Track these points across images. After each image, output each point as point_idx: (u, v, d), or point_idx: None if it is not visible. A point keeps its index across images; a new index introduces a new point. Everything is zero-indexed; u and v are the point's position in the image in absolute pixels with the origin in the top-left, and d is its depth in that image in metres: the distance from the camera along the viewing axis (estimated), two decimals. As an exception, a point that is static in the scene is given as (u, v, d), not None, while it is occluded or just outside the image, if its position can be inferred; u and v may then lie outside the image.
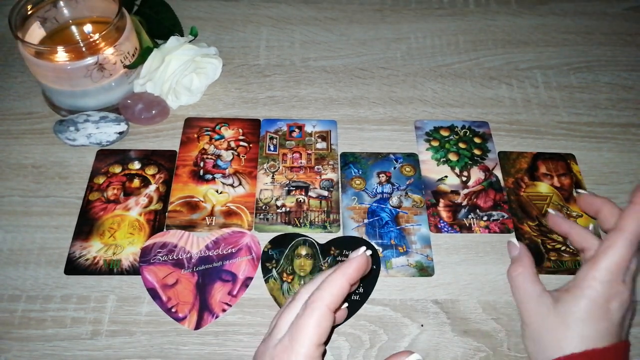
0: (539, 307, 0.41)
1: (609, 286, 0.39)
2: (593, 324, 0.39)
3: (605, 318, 0.39)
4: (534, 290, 0.42)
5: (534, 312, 0.41)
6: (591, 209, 0.47)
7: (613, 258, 0.39)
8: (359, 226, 0.51)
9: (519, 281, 0.44)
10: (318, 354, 0.34)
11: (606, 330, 0.39)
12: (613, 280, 0.39)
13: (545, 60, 0.67)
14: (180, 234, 0.50)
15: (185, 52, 0.57)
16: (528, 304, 0.42)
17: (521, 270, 0.44)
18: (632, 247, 0.40)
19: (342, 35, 0.68)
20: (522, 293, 0.43)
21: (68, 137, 0.55)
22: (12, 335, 0.44)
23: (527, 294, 0.43)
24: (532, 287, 0.43)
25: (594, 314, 0.39)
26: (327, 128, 0.59)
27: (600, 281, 0.39)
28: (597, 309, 0.39)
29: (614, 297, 0.39)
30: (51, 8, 0.56)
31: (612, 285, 0.39)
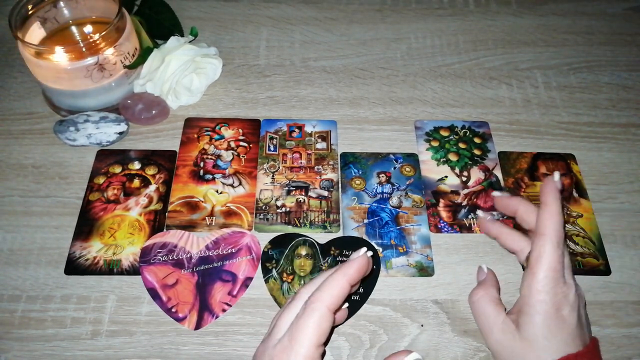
0: (505, 335, 0.40)
1: (554, 293, 0.39)
2: (554, 336, 0.38)
3: (563, 325, 0.39)
4: (497, 317, 0.41)
5: (501, 342, 0.40)
6: (508, 210, 0.47)
7: (547, 265, 0.39)
8: (359, 226, 0.51)
9: (480, 306, 0.43)
10: (317, 355, 0.34)
11: (570, 336, 0.39)
12: (555, 285, 0.39)
13: (545, 60, 0.67)
14: (180, 234, 0.50)
15: (185, 52, 0.57)
16: (493, 334, 0.41)
17: (482, 293, 0.43)
18: (559, 248, 0.40)
19: (342, 35, 0.68)
20: (485, 320, 0.42)
21: (68, 137, 0.55)
22: (12, 335, 0.44)
23: (489, 321, 0.41)
24: (495, 313, 0.42)
25: (551, 326, 0.38)
26: (327, 128, 0.59)
27: (545, 291, 0.39)
28: (552, 320, 0.38)
29: (562, 302, 0.39)
30: (51, 8, 0.56)
31: (557, 290, 0.39)
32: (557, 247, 0.40)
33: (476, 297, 0.44)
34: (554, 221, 0.41)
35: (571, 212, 0.53)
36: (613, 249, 0.51)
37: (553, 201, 0.41)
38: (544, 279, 0.39)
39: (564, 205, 0.53)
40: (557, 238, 0.40)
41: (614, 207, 0.54)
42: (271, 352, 0.35)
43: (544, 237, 0.40)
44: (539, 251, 0.40)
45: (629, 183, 0.56)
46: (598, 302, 0.48)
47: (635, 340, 0.46)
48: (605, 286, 0.49)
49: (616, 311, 0.47)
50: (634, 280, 0.49)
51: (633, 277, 0.49)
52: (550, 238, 0.40)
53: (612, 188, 0.55)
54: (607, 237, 0.52)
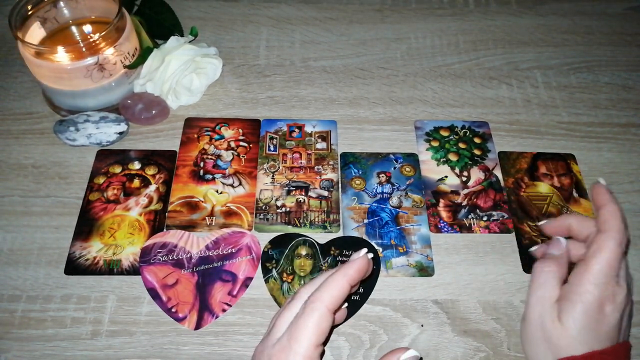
0: (548, 312, 0.40)
1: (604, 288, 0.39)
2: (591, 329, 0.38)
3: (602, 322, 0.38)
4: (553, 295, 0.40)
5: (541, 315, 0.40)
6: (561, 230, 0.45)
7: (605, 259, 0.39)
8: (359, 226, 0.51)
9: (547, 278, 0.41)
10: (317, 354, 0.34)
11: (605, 334, 0.38)
12: (607, 282, 0.39)
13: (545, 60, 0.67)
14: (180, 234, 0.50)
15: (185, 52, 0.57)
16: (541, 306, 0.40)
17: (556, 269, 0.42)
18: (621, 247, 0.40)
19: (342, 35, 0.68)
20: (543, 292, 0.41)
21: (68, 137, 0.55)
22: (12, 335, 0.44)
23: (546, 295, 0.41)
24: (554, 292, 0.41)
25: (591, 319, 0.38)
26: (327, 128, 0.59)
27: (595, 284, 0.39)
28: (593, 313, 0.38)
29: (608, 299, 0.39)
30: (51, 8, 0.56)
31: (607, 287, 0.39)
32: (619, 245, 0.39)
33: (548, 268, 0.42)
34: (617, 219, 0.40)
35: (571, 212, 0.53)
36: (613, 249, 0.51)
37: (610, 201, 0.41)
38: (598, 271, 0.39)
39: (564, 205, 0.53)
40: (620, 236, 0.40)
41: (614, 207, 0.54)
42: (270, 352, 0.35)
43: (606, 233, 0.40)
44: (599, 245, 0.40)
45: (629, 183, 0.56)
46: (598, 302, 0.48)
47: (636, 340, 0.46)
48: (605, 286, 0.49)
49: (616, 311, 0.47)
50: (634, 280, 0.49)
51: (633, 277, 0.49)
52: (613, 234, 0.40)
53: (612, 188, 0.55)
54: (607, 237, 0.52)
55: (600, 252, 0.39)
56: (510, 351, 0.45)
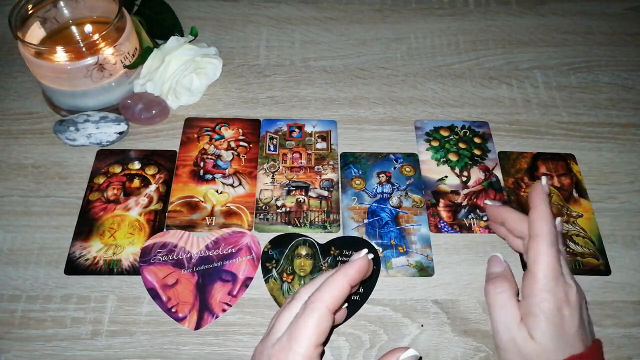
0: (518, 334, 0.39)
1: (555, 292, 0.39)
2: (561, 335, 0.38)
3: (565, 326, 0.39)
4: (516, 315, 0.40)
5: (512, 340, 0.40)
6: (497, 219, 0.47)
7: (546, 264, 0.39)
8: (359, 226, 0.51)
9: (503, 299, 0.41)
10: (316, 355, 0.34)
11: (573, 337, 0.38)
12: (556, 284, 0.39)
13: (545, 60, 0.67)
14: (180, 234, 0.50)
15: (185, 52, 0.57)
16: (510, 331, 0.40)
17: (508, 286, 0.42)
18: (554, 246, 0.40)
19: (342, 35, 0.68)
20: (504, 316, 0.41)
21: (68, 137, 0.55)
22: (12, 335, 0.44)
23: (508, 318, 0.40)
24: (516, 311, 0.40)
25: (556, 325, 0.38)
26: (327, 128, 0.59)
27: (547, 290, 0.39)
28: (556, 319, 0.38)
29: (563, 301, 0.39)
30: (51, 8, 0.56)
31: (558, 289, 0.39)
32: (552, 245, 0.40)
33: (500, 289, 0.42)
34: (545, 221, 0.41)
35: (571, 212, 0.53)
36: (613, 249, 0.51)
37: (541, 203, 0.42)
38: (543, 278, 0.39)
39: (564, 205, 0.53)
40: (551, 237, 0.40)
41: (614, 207, 0.54)
42: (270, 352, 0.35)
43: (537, 238, 0.40)
44: (535, 252, 0.40)
45: (629, 183, 0.56)
46: (598, 302, 0.48)
47: (635, 340, 0.46)
48: (605, 286, 0.49)
49: (616, 311, 0.47)
50: (634, 280, 0.49)
51: (633, 277, 0.49)
52: (543, 238, 0.40)
53: (612, 188, 0.55)
54: (607, 237, 0.52)
55: (539, 259, 0.40)
56: (510, 351, 0.45)
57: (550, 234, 0.40)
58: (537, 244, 0.40)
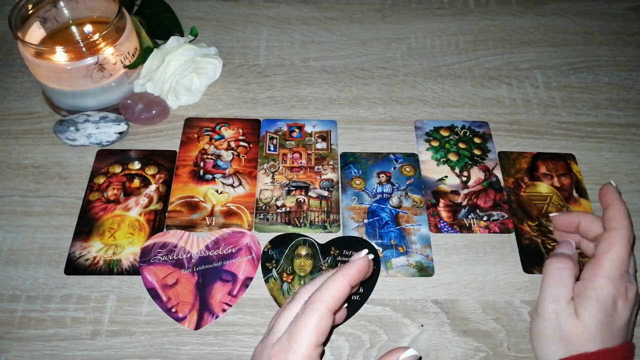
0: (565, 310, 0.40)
1: (617, 284, 0.39)
2: (606, 325, 0.39)
3: (614, 318, 0.39)
4: (568, 293, 0.40)
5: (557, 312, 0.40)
6: (570, 226, 0.46)
7: (616, 255, 0.40)
8: (359, 226, 0.51)
9: (563, 275, 0.41)
10: (316, 355, 0.34)
11: (617, 330, 0.39)
12: (620, 277, 0.39)
13: (545, 60, 0.67)
14: (180, 234, 0.50)
15: (185, 52, 0.57)
16: (557, 304, 0.40)
17: (571, 265, 0.42)
18: (629, 243, 0.40)
19: (342, 35, 0.68)
20: (559, 290, 0.41)
21: (68, 137, 0.55)
22: (12, 335, 0.44)
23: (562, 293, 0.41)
24: (569, 289, 0.41)
25: (606, 314, 0.39)
26: (327, 128, 0.59)
27: (609, 279, 0.39)
28: (608, 308, 0.39)
29: (621, 295, 0.39)
30: (51, 8, 0.56)
31: (620, 282, 0.39)
32: (627, 240, 0.40)
33: (562, 264, 0.42)
34: (623, 217, 0.42)
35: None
36: (613, 249, 0.51)
37: (617, 200, 0.43)
38: (609, 267, 0.39)
39: (564, 205, 0.53)
40: (628, 232, 0.41)
41: (614, 207, 0.54)
42: (270, 352, 0.35)
43: (614, 230, 0.41)
44: (609, 242, 0.40)
45: (629, 183, 0.56)
46: (598, 302, 0.48)
47: (636, 341, 0.46)
48: (605, 286, 0.49)
49: (616, 311, 0.47)
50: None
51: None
52: (621, 231, 0.40)
53: (612, 188, 0.55)
54: (607, 237, 0.52)
55: (611, 249, 0.40)
56: (510, 351, 0.45)
57: (627, 229, 0.41)
58: (612, 235, 0.40)
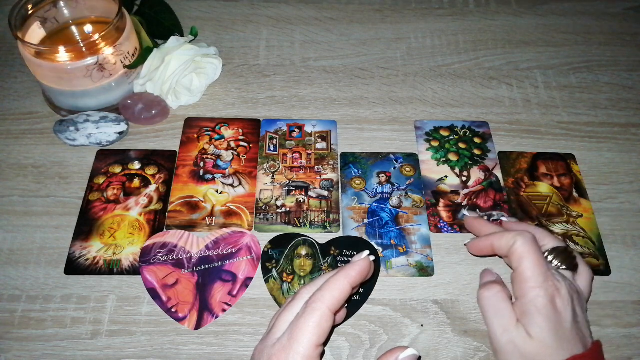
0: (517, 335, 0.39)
1: (546, 287, 0.39)
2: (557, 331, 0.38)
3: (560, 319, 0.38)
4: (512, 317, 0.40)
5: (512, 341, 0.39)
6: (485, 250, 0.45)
7: (531, 261, 0.40)
8: (359, 226, 0.51)
9: (495, 302, 0.41)
10: (316, 355, 0.34)
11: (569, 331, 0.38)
12: (544, 279, 0.39)
13: (545, 60, 0.67)
14: (180, 234, 0.50)
15: (185, 52, 0.57)
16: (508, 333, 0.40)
17: (499, 289, 0.42)
18: (535, 243, 0.41)
19: (342, 35, 0.68)
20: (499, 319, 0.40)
21: (68, 137, 0.55)
22: (12, 335, 0.44)
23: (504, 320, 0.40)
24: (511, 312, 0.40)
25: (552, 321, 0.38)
26: (327, 128, 0.59)
27: (538, 286, 0.39)
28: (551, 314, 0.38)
29: (554, 295, 0.39)
30: (51, 8, 0.56)
31: (547, 284, 0.39)
32: (533, 242, 0.41)
33: (492, 292, 0.42)
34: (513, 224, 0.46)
35: (571, 212, 0.53)
36: (613, 249, 0.51)
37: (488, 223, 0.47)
38: (532, 275, 0.39)
39: (564, 205, 0.53)
40: (527, 235, 0.41)
41: (614, 207, 0.54)
42: (270, 351, 0.35)
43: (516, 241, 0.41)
44: (519, 253, 0.40)
45: (629, 183, 0.56)
46: (598, 302, 0.48)
47: (635, 340, 0.46)
48: (605, 286, 0.49)
49: (616, 311, 0.47)
50: (634, 280, 0.49)
51: (633, 277, 0.49)
52: (521, 238, 0.41)
53: (612, 188, 0.55)
54: (607, 237, 0.52)
55: (523, 258, 0.40)
56: (510, 351, 0.45)
57: (524, 233, 0.41)
58: (517, 246, 0.41)
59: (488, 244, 0.44)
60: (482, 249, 0.45)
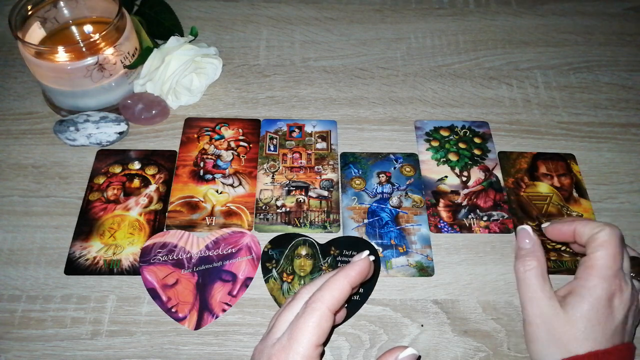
0: (547, 309, 0.40)
1: (610, 282, 0.39)
2: (598, 324, 0.38)
3: (610, 317, 0.39)
4: (544, 292, 0.40)
5: (541, 314, 0.40)
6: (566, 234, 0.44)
7: (608, 254, 0.40)
8: (359, 226, 0.51)
9: (530, 278, 0.41)
10: (316, 355, 0.34)
11: (611, 331, 0.39)
12: (612, 275, 0.39)
13: (545, 60, 0.67)
14: (180, 234, 0.50)
15: (185, 52, 0.57)
16: (536, 306, 0.40)
17: (535, 265, 0.42)
18: (620, 240, 0.40)
19: (342, 35, 0.68)
20: (532, 293, 0.41)
21: (68, 137, 0.55)
22: (12, 335, 0.44)
23: (537, 295, 0.41)
24: (543, 288, 0.41)
25: (598, 313, 0.38)
26: (327, 128, 0.59)
27: (603, 278, 0.39)
28: (601, 307, 0.38)
29: (615, 293, 0.39)
30: (51, 8, 0.56)
31: (613, 281, 0.39)
32: (618, 238, 0.40)
33: (528, 267, 0.42)
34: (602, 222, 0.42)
35: (571, 212, 0.53)
36: (613, 249, 0.51)
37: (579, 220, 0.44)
38: (602, 265, 0.39)
39: (564, 205, 0.53)
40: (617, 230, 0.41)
41: (614, 207, 0.54)
42: (270, 351, 0.35)
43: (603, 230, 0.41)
44: (601, 240, 0.40)
45: (629, 183, 0.56)
46: (598, 302, 0.48)
47: (635, 340, 0.46)
48: (605, 286, 0.49)
49: (616, 311, 0.47)
50: (634, 280, 0.49)
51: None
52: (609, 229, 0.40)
53: (612, 188, 0.55)
54: (607, 237, 0.52)
55: (603, 247, 0.40)
56: (510, 351, 0.45)
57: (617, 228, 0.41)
58: (604, 234, 0.40)
59: (571, 228, 0.43)
60: (563, 232, 0.44)
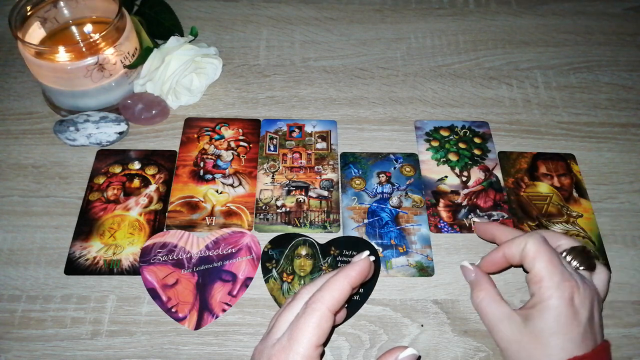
0: (511, 329, 0.40)
1: (563, 286, 0.39)
2: (566, 332, 0.38)
3: (575, 320, 0.38)
4: (502, 313, 0.41)
5: (507, 336, 0.40)
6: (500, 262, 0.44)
7: (544, 261, 0.40)
8: (359, 226, 0.51)
9: (484, 306, 0.43)
10: (316, 355, 0.34)
11: (581, 335, 0.38)
12: (561, 279, 0.39)
13: (545, 60, 0.67)
14: (180, 234, 0.50)
15: (185, 52, 0.57)
16: (499, 329, 0.41)
17: (483, 294, 0.43)
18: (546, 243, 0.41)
19: (342, 35, 0.68)
20: (491, 318, 0.42)
21: (68, 137, 0.55)
22: (12, 335, 0.44)
23: (495, 317, 0.41)
24: (500, 310, 0.41)
25: (564, 321, 0.38)
26: (327, 128, 0.59)
27: (552, 287, 0.39)
28: (564, 314, 0.38)
29: (573, 293, 0.39)
30: (51, 8, 0.56)
31: (565, 284, 0.39)
32: (543, 242, 0.41)
33: (478, 299, 0.43)
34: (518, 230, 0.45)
35: (571, 212, 0.53)
36: (613, 249, 0.51)
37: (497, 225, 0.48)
38: (546, 275, 0.39)
39: (564, 205, 0.53)
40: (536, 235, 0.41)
41: (614, 207, 0.54)
42: (270, 351, 0.35)
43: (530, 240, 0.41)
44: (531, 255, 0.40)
45: (629, 183, 0.56)
46: (598, 302, 0.48)
47: (635, 340, 0.46)
48: (605, 286, 0.49)
49: (616, 311, 0.47)
50: (634, 280, 0.49)
51: (633, 277, 0.49)
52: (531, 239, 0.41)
53: (612, 188, 0.55)
54: (607, 237, 0.52)
55: (537, 259, 0.40)
56: (510, 351, 0.45)
57: (536, 234, 0.41)
58: (530, 246, 0.41)
59: (499, 255, 0.44)
60: (495, 261, 0.44)
